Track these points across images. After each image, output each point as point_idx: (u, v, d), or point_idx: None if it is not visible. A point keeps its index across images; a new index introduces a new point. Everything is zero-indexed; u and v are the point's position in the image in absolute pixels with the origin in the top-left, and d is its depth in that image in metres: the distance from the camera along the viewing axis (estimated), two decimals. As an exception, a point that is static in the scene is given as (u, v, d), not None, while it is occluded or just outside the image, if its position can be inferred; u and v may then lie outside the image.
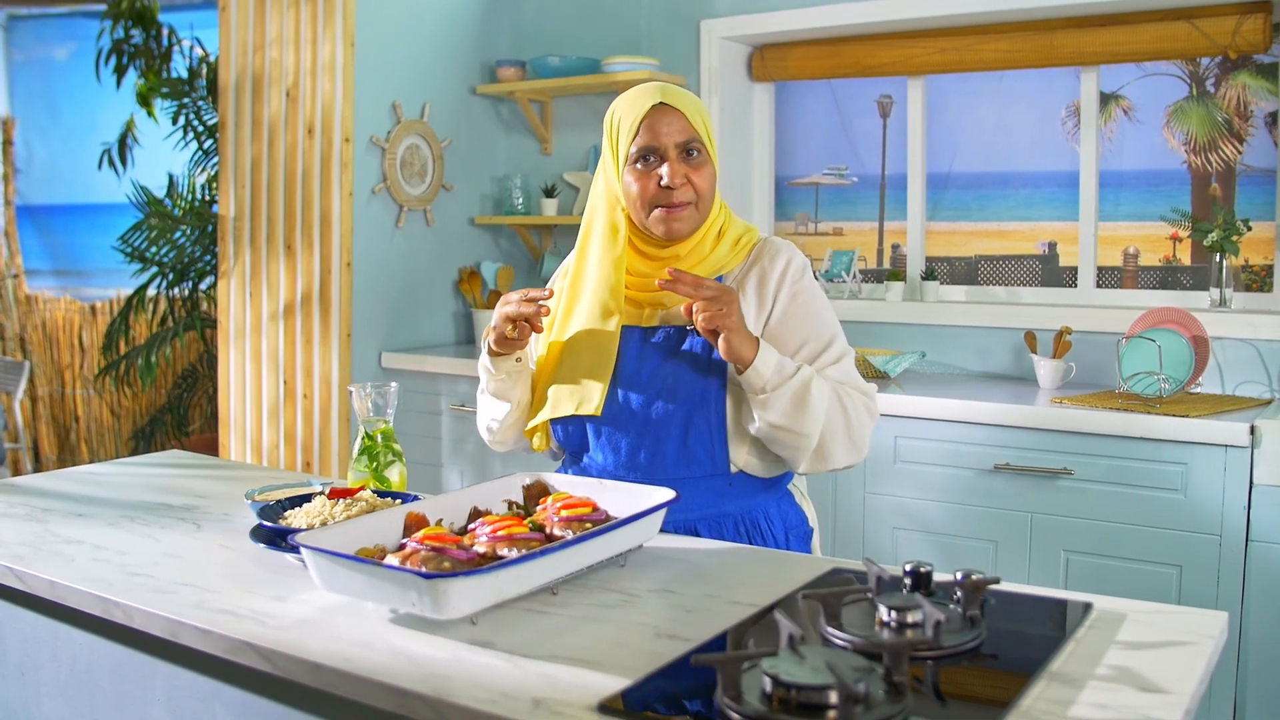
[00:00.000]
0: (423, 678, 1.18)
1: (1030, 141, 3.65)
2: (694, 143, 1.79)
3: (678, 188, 1.78)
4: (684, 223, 1.80)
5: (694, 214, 1.81)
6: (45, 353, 6.25)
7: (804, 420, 1.72)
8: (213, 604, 1.42)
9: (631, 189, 1.81)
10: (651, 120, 1.78)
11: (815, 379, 1.74)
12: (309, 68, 3.89)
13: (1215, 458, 2.66)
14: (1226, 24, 3.18)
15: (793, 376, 1.71)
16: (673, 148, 1.78)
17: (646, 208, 1.80)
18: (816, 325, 1.83)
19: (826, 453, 1.77)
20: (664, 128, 1.78)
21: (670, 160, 1.78)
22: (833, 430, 1.76)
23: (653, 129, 1.78)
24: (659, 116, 1.78)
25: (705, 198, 1.81)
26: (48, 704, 1.66)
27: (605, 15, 4.21)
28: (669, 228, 1.80)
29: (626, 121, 1.80)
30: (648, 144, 1.78)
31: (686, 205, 1.79)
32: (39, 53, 6.39)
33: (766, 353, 1.70)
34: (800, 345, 1.81)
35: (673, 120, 1.78)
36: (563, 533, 1.49)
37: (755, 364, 1.69)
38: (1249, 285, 3.31)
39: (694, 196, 1.80)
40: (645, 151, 1.79)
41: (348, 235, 3.90)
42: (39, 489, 2.09)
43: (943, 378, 3.51)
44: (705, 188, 1.81)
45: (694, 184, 1.79)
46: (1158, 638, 1.29)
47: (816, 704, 1.05)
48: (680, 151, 1.79)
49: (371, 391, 1.87)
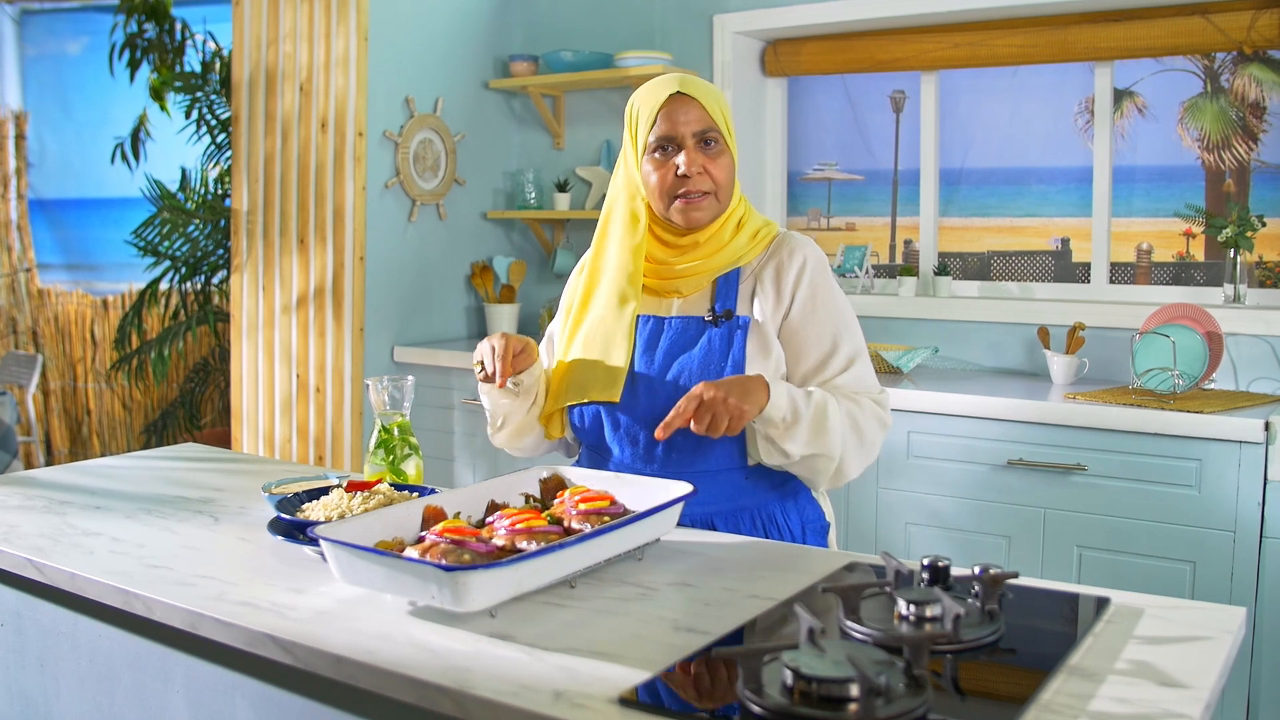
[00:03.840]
0: (444, 670, 1.18)
1: (1044, 137, 3.64)
2: (711, 132, 1.80)
3: (694, 176, 1.78)
4: (704, 212, 1.81)
5: (713, 203, 1.81)
6: (57, 346, 6.27)
7: (824, 443, 1.73)
8: (232, 596, 1.43)
9: (650, 178, 1.81)
10: (669, 109, 1.79)
11: (830, 401, 1.74)
12: (322, 62, 3.90)
13: (1229, 454, 2.66)
14: (1242, 19, 3.17)
15: (808, 406, 1.72)
16: (690, 137, 1.79)
17: (666, 198, 1.81)
18: (835, 326, 1.83)
19: (843, 470, 1.79)
20: (681, 117, 1.78)
21: (687, 149, 1.78)
22: (847, 447, 1.77)
23: (670, 118, 1.79)
24: (676, 106, 1.79)
25: (724, 187, 1.81)
26: (67, 695, 1.67)
27: (618, 10, 4.21)
28: (688, 217, 1.80)
29: (645, 111, 1.81)
30: (665, 133, 1.79)
31: (705, 195, 1.80)
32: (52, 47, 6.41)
33: (777, 393, 1.69)
34: (817, 347, 1.81)
35: (690, 109, 1.79)
36: (581, 526, 1.50)
37: (768, 410, 1.69)
38: (1263, 281, 3.30)
39: (712, 186, 1.80)
40: (663, 141, 1.79)
41: (361, 229, 3.91)
42: (57, 482, 2.10)
43: (956, 373, 3.51)
44: (723, 177, 1.81)
45: (711, 173, 1.79)
46: (1176, 633, 1.29)
47: (838, 697, 1.05)
48: (697, 141, 1.79)
49: (388, 385, 1.87)
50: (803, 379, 1.82)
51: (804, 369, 1.82)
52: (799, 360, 1.82)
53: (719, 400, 1.62)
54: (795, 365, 1.82)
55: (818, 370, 1.81)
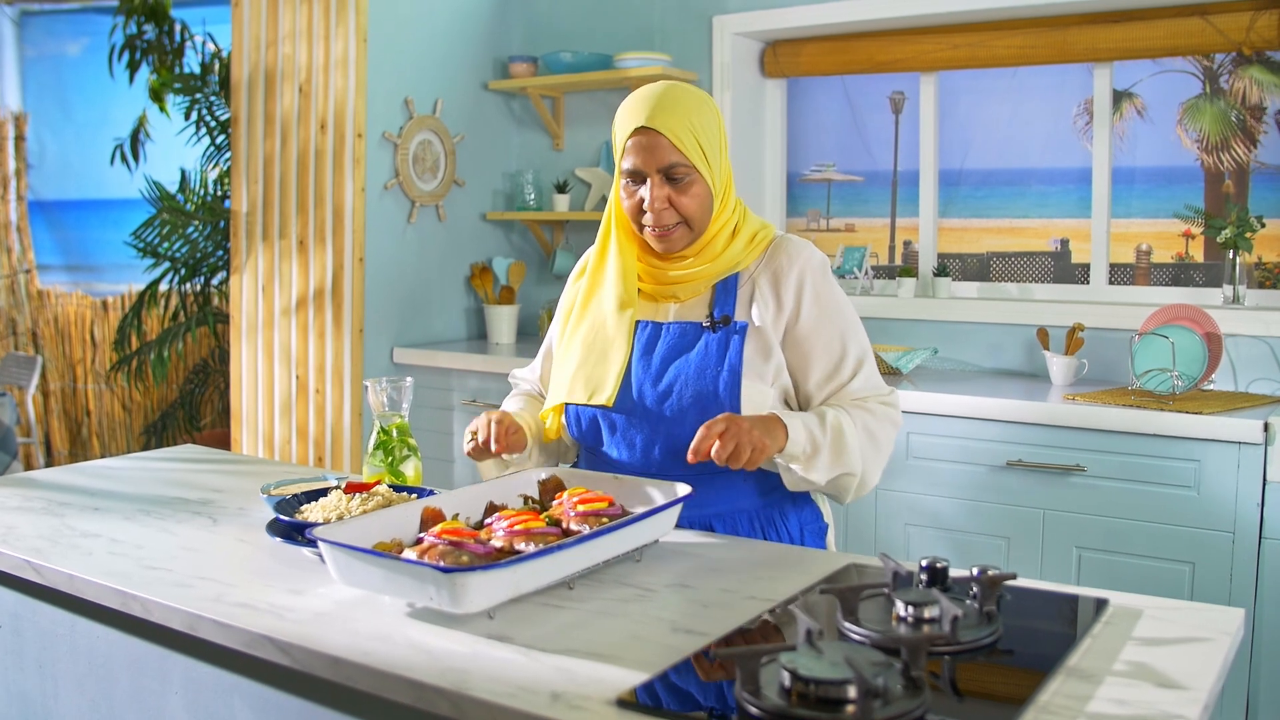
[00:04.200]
0: (441, 671, 1.18)
1: (1043, 138, 3.64)
2: (677, 167, 1.76)
3: (658, 212, 1.77)
4: (673, 242, 1.81)
5: (685, 232, 1.80)
6: (57, 348, 6.27)
7: (846, 463, 1.75)
8: (231, 598, 1.43)
9: (624, 203, 1.82)
10: (636, 142, 1.77)
11: (843, 419, 1.75)
12: (322, 63, 3.90)
13: (1228, 455, 2.66)
14: (1241, 20, 3.17)
15: (825, 433, 1.72)
16: (655, 173, 1.77)
17: (637, 225, 1.82)
18: (842, 330, 1.83)
19: (865, 481, 1.80)
20: (644, 155, 1.76)
21: (652, 184, 1.77)
22: (867, 460, 1.78)
23: (636, 152, 1.77)
24: (642, 139, 1.76)
25: (695, 216, 1.79)
26: (65, 697, 1.67)
27: (617, 11, 4.21)
28: (660, 244, 1.82)
29: (619, 136, 1.81)
30: (632, 166, 1.78)
31: (674, 226, 1.79)
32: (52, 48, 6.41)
33: (794, 429, 1.69)
34: (827, 353, 1.81)
35: (655, 144, 1.75)
36: (579, 528, 1.50)
37: (788, 447, 1.69)
38: (1262, 282, 3.30)
39: (676, 219, 1.79)
40: (630, 174, 1.79)
41: (360, 230, 3.91)
42: (55, 483, 2.10)
43: (955, 374, 3.51)
44: (693, 208, 1.78)
45: (678, 207, 1.77)
46: (1174, 634, 1.29)
47: (835, 698, 1.06)
48: (662, 176, 1.77)
49: (387, 386, 1.87)
50: (816, 385, 1.81)
51: (816, 376, 1.81)
52: (809, 367, 1.81)
53: (744, 430, 1.62)
54: (805, 372, 1.82)
55: (830, 377, 1.81)
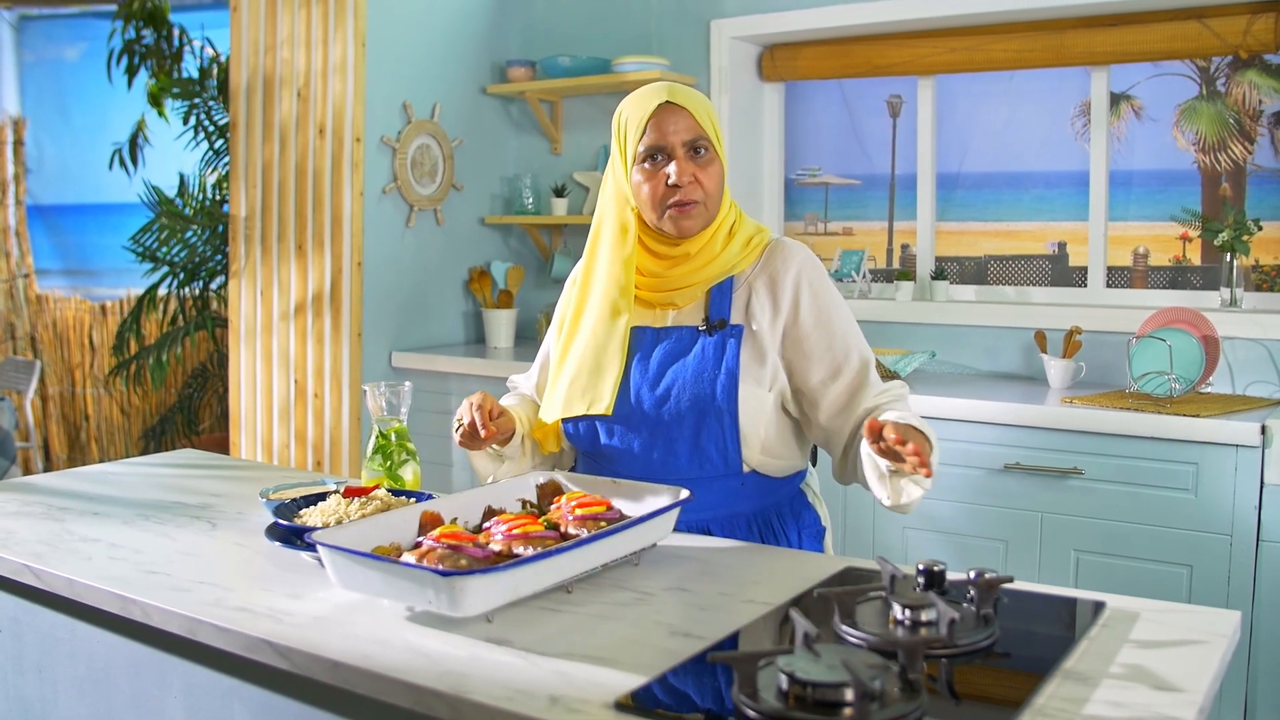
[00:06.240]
0: (440, 675, 1.19)
1: (1040, 141, 3.65)
2: (701, 141, 1.79)
3: (685, 185, 1.78)
4: (694, 220, 1.81)
5: (704, 211, 1.81)
6: (56, 352, 6.27)
7: None
8: (230, 602, 1.43)
9: (641, 189, 1.81)
10: (658, 119, 1.79)
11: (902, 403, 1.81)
12: (320, 68, 3.90)
13: (1226, 458, 2.66)
14: (1237, 23, 3.18)
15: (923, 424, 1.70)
16: (680, 146, 1.78)
17: (657, 207, 1.80)
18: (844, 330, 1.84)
19: None
20: (670, 126, 1.78)
21: (678, 159, 1.78)
22: None
23: (660, 128, 1.78)
24: (665, 115, 1.78)
25: (713, 196, 1.81)
26: (65, 701, 1.67)
27: (615, 15, 4.22)
28: (680, 226, 1.81)
29: (634, 120, 1.81)
30: (655, 143, 1.79)
31: (695, 203, 1.80)
32: (50, 53, 6.41)
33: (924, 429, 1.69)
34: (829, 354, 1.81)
35: (679, 119, 1.79)
36: (577, 531, 1.50)
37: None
38: (1259, 285, 3.31)
39: (702, 195, 1.80)
40: (652, 150, 1.79)
41: (358, 235, 3.91)
42: (54, 488, 2.10)
43: (953, 377, 3.51)
44: (713, 186, 1.81)
45: (701, 182, 1.79)
46: (1171, 636, 1.29)
47: (832, 701, 1.06)
48: (687, 150, 1.79)
49: (386, 391, 1.88)
50: (820, 383, 1.81)
51: (820, 374, 1.81)
52: (810, 366, 1.81)
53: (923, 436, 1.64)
54: (807, 372, 1.82)
55: (835, 375, 1.81)
